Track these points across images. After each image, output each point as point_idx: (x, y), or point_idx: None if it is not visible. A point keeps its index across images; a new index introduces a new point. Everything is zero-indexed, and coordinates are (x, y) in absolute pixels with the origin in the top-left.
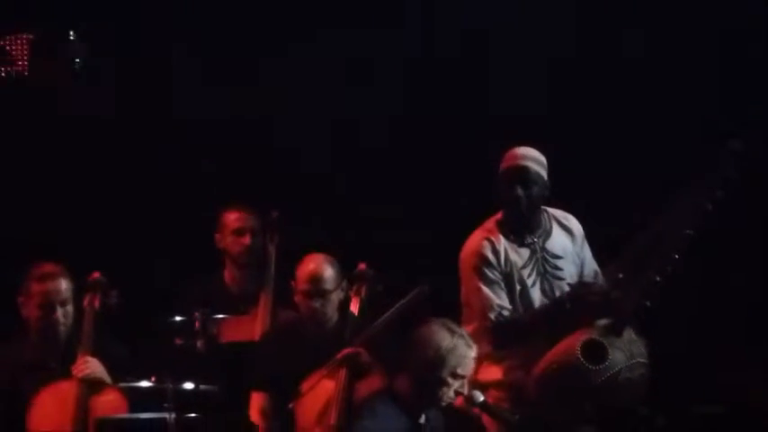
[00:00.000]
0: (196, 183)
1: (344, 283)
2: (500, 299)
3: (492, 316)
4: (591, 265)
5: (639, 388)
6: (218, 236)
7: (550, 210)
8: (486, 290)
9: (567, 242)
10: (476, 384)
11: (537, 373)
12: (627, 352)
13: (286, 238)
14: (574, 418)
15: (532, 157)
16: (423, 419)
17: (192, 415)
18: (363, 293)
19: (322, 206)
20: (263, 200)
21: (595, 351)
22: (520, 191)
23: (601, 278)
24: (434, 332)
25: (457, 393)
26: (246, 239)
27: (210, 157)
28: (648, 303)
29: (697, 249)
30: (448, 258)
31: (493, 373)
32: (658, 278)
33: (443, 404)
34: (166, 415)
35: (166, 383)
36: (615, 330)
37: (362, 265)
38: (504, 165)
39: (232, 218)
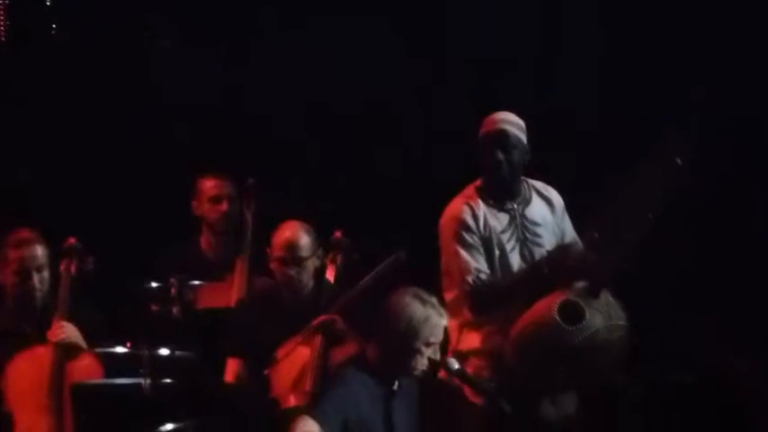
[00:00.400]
0: (171, 148)
1: (320, 251)
2: (478, 263)
3: (470, 279)
4: (571, 236)
5: (619, 351)
6: (194, 203)
7: (530, 180)
8: (464, 254)
9: (547, 212)
10: (456, 353)
11: (514, 334)
12: (605, 314)
13: (262, 204)
14: (551, 382)
15: (512, 122)
16: (396, 387)
17: (168, 381)
18: (339, 261)
19: (298, 173)
20: (239, 167)
21: (572, 312)
22: (500, 155)
23: (580, 245)
24: (406, 303)
25: (431, 361)
26: (224, 206)
27: (185, 122)
28: (625, 265)
29: (676, 221)
30: (424, 227)
31: (473, 340)
32: (635, 238)
33: (417, 373)
34: (142, 380)
35: (142, 349)
36: (593, 292)
37: (338, 233)
38: (483, 129)
39: (209, 185)
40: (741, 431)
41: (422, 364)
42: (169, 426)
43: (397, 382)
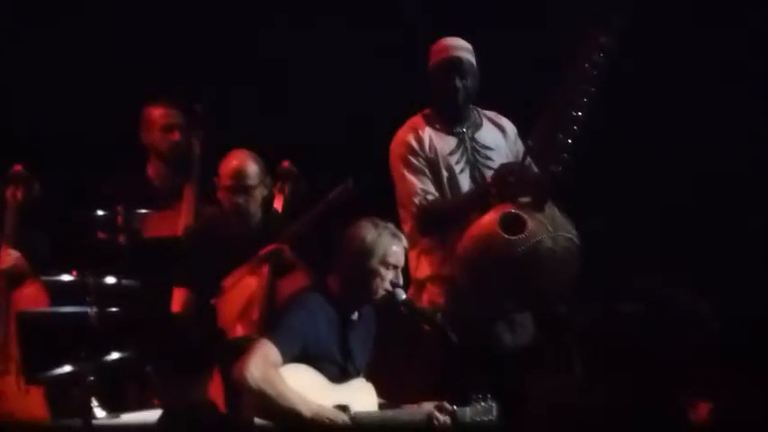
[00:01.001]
0: (116, 75)
1: (268, 180)
2: (424, 185)
3: (417, 201)
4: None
5: (565, 263)
6: (142, 132)
7: (480, 109)
8: (410, 177)
9: (499, 137)
10: (414, 281)
11: (460, 250)
12: (549, 224)
13: (210, 133)
14: (500, 298)
15: (466, 48)
16: (355, 316)
17: (114, 309)
18: (287, 191)
19: (246, 101)
20: (185, 94)
21: (514, 223)
22: (458, 81)
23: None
24: (360, 227)
25: (393, 285)
26: (175, 135)
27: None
28: (563, 170)
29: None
30: (374, 157)
31: (429, 267)
32: (568, 140)
33: (378, 297)
34: (88, 309)
35: (88, 277)
36: (537, 205)
37: (286, 163)
38: (437, 56)
39: (158, 113)
40: (687, 360)
41: (383, 287)
42: (115, 354)
43: (356, 313)
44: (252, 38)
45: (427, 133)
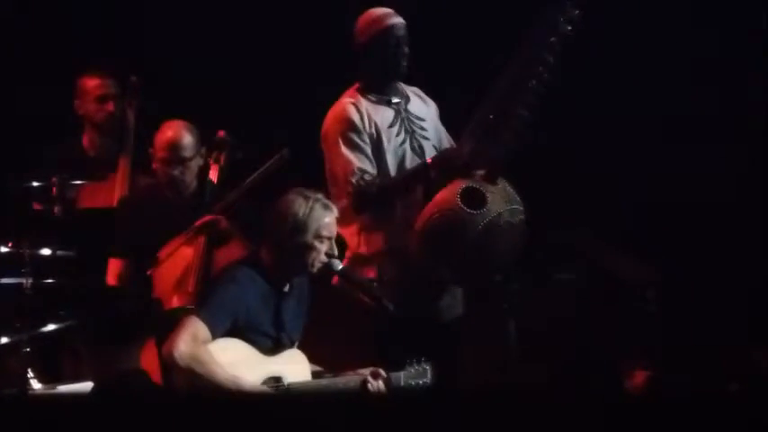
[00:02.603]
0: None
1: (203, 150)
2: (362, 163)
3: (353, 180)
4: (447, 137)
5: (521, 235)
6: (77, 102)
7: (402, 84)
8: (348, 154)
9: (425, 109)
10: (358, 256)
11: (419, 227)
12: (505, 198)
13: (145, 103)
14: (459, 270)
15: (398, 16)
16: (287, 288)
17: (49, 280)
18: (222, 161)
19: (181, 71)
20: (120, 64)
21: (474, 197)
22: (406, 49)
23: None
24: (291, 201)
25: (328, 256)
26: (110, 106)
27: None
28: (515, 140)
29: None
30: (308, 126)
31: (375, 242)
32: (524, 111)
33: (315, 269)
34: (23, 280)
35: (23, 248)
36: (489, 178)
37: (221, 132)
38: (377, 26)
39: (93, 84)
40: (625, 329)
41: (318, 260)
42: (51, 326)
43: (288, 284)
44: (187, 6)
45: (365, 107)
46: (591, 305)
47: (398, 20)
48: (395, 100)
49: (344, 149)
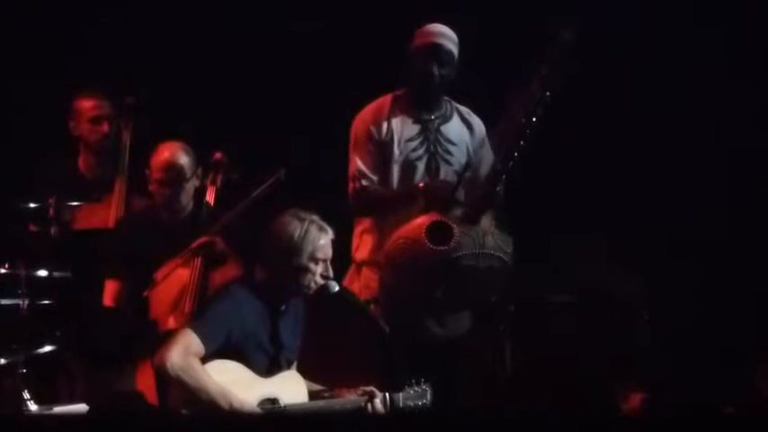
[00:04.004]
0: (47, 66)
1: (199, 171)
2: (365, 166)
3: (353, 183)
4: (488, 165)
5: (486, 281)
6: (71, 122)
7: (454, 102)
8: (354, 155)
9: (465, 134)
10: (355, 262)
11: (386, 248)
12: (477, 241)
13: (140, 124)
14: (422, 300)
15: (448, 36)
16: (283, 308)
17: (45, 301)
18: (219, 182)
19: (177, 93)
20: (115, 85)
21: (441, 233)
22: (435, 68)
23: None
24: (285, 223)
25: (324, 278)
26: (105, 127)
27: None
28: (497, 188)
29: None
30: (305, 147)
31: (366, 250)
32: (500, 166)
33: (309, 291)
34: (19, 301)
35: (19, 270)
36: (471, 218)
37: (218, 154)
38: (418, 41)
39: (88, 105)
40: (620, 350)
41: (314, 282)
42: (47, 347)
43: (284, 305)
44: (183, 27)
45: (388, 116)
46: (587, 327)
47: (439, 39)
48: (426, 116)
49: (354, 151)
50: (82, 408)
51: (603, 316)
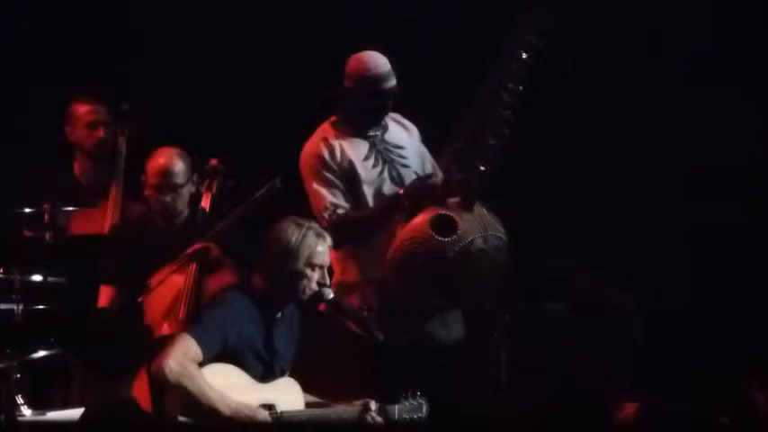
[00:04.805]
0: (40, 71)
1: (195, 177)
2: (335, 197)
3: (326, 215)
4: (430, 161)
5: (495, 262)
6: (68, 128)
7: None
8: (320, 189)
9: (405, 136)
10: (341, 284)
11: (391, 255)
12: (479, 225)
13: (136, 130)
14: (435, 298)
15: (387, 64)
16: (279, 315)
17: (40, 307)
18: (214, 189)
19: (173, 99)
20: (111, 91)
21: (445, 224)
22: (388, 101)
23: (438, 171)
24: (283, 229)
25: (320, 285)
26: (100, 133)
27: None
28: (487, 168)
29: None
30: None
31: (357, 270)
32: (496, 139)
33: (306, 297)
34: (14, 306)
35: (14, 275)
36: (465, 206)
37: (214, 161)
38: (367, 73)
39: (84, 110)
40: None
41: (309, 288)
42: (41, 352)
43: (280, 312)
44: (180, 33)
45: (338, 142)
46: (581, 335)
47: (386, 71)
48: (370, 133)
49: (316, 185)
50: (76, 413)
51: (599, 324)
